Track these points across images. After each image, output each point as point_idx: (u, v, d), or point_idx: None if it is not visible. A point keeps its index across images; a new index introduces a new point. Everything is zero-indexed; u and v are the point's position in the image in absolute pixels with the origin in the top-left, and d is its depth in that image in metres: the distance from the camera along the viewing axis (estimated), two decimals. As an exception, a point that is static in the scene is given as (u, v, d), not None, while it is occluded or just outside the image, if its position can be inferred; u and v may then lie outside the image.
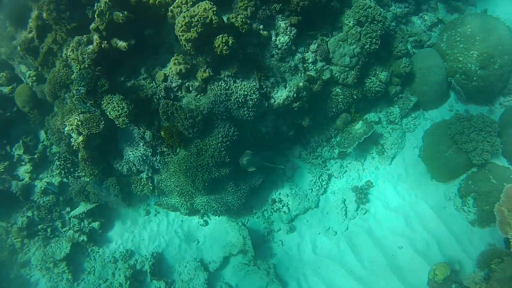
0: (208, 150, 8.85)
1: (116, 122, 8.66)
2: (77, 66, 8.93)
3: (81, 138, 9.10)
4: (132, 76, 9.36)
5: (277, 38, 9.50)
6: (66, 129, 9.36)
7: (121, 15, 8.36)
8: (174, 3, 8.74)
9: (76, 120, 9.01)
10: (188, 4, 8.61)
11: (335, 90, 10.25)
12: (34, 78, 10.18)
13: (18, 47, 10.12)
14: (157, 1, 8.80)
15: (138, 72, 9.33)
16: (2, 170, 10.57)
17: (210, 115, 8.81)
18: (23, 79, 10.82)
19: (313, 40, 9.95)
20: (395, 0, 11.63)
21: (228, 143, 8.84)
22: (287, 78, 9.65)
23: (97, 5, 8.80)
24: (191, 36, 8.24)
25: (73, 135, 9.29)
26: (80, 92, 8.70)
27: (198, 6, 8.30)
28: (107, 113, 8.66)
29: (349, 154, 10.67)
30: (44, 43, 9.74)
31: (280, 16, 9.55)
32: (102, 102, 8.68)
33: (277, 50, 9.52)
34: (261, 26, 9.41)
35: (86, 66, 8.81)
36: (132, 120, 8.80)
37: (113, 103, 8.53)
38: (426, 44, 11.30)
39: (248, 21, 9.10)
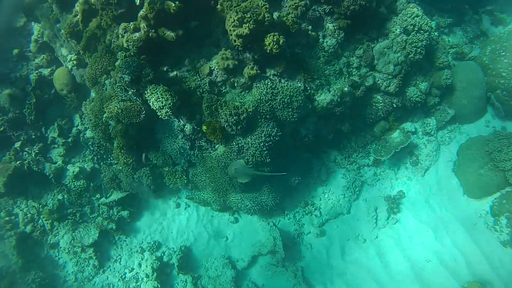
0: (250, 148, 8.17)
1: (159, 113, 7.96)
2: (122, 53, 8.21)
3: (119, 126, 8.43)
4: (175, 67, 8.65)
5: (325, 40, 8.82)
6: (104, 115, 8.69)
7: (173, 4, 7.64)
8: (224, -2, 8.03)
9: (116, 107, 8.31)
10: (237, 1, 7.92)
11: (376, 97, 9.55)
12: (74, 62, 9.46)
13: (62, 30, 9.40)
14: (207, -7, 8.07)
15: (182, 64, 8.62)
16: (37, 151, 9.89)
17: (254, 114, 8.12)
18: (62, 62, 10.12)
19: (359, 45, 9.26)
20: (438, 10, 10.89)
21: (270, 143, 8.15)
22: (331, 82, 8.95)
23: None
24: (243, 32, 7.56)
25: (111, 122, 8.62)
26: (123, 79, 7.99)
27: (250, 2, 7.64)
28: (150, 103, 7.97)
29: (383, 162, 9.96)
30: (88, 28, 9.02)
31: (329, 18, 8.88)
32: (145, 92, 7.98)
33: (323, 53, 8.83)
34: (310, 27, 8.75)
35: (132, 54, 8.09)
36: (173, 112, 8.07)
37: (157, 94, 7.83)
38: (467, 56, 10.57)
39: (298, 21, 8.39)
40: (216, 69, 8.32)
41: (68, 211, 9.89)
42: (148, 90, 7.92)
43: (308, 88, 8.65)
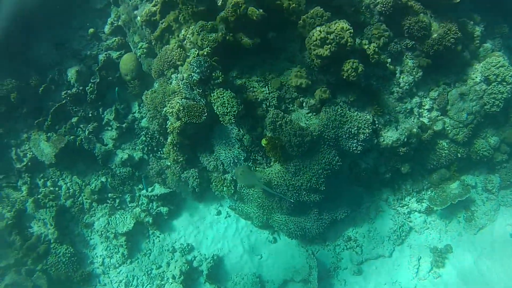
0: (307, 173, 7.42)
1: (221, 119, 7.32)
2: (195, 51, 7.62)
3: (178, 123, 7.82)
4: (244, 75, 8.01)
5: (401, 76, 8.03)
6: (164, 109, 8.12)
7: (257, 12, 6.99)
8: (309, 13, 7.34)
9: (178, 104, 7.73)
10: (323, 18, 7.26)
11: (442, 143, 8.63)
12: (144, 50, 8.96)
13: (138, 17, 8.92)
14: (291, 6, 7.41)
15: (252, 72, 7.97)
16: (91, 130, 9.43)
17: (318, 138, 7.37)
18: (132, 48, 9.65)
19: (435, 87, 8.39)
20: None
21: (329, 171, 7.41)
22: (400, 119, 8.13)
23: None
24: (323, 53, 6.87)
25: (170, 118, 8.04)
26: (192, 77, 7.40)
27: (335, 24, 6.93)
28: (214, 107, 7.33)
29: (435, 212, 8.99)
30: (164, 19, 8.49)
31: (409, 53, 8.09)
32: (212, 95, 7.35)
33: (398, 88, 8.04)
34: (389, 60, 7.92)
35: (205, 53, 7.48)
36: (236, 121, 7.40)
37: (223, 99, 7.19)
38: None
39: (379, 52, 7.61)
40: (287, 85, 7.62)
41: (109, 195, 9.39)
42: (215, 94, 7.29)
43: (376, 122, 7.84)
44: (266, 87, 7.78)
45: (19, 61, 9.84)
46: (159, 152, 9.22)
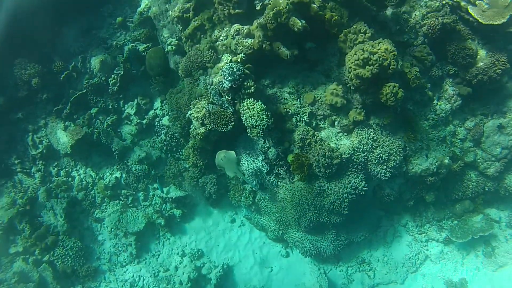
0: (331, 195, 6.84)
1: (248, 131, 6.73)
2: (228, 56, 6.98)
3: (202, 129, 7.21)
4: (277, 84, 7.40)
5: (439, 103, 7.40)
6: (189, 112, 7.49)
7: (299, 23, 6.35)
8: (351, 27, 6.69)
9: (204, 109, 7.11)
10: (366, 35, 6.61)
11: (470, 174, 8.00)
12: (173, 47, 8.27)
13: (170, 12, 8.22)
14: (334, 18, 6.75)
15: (285, 83, 7.36)
16: (110, 123, 8.82)
17: (347, 160, 6.73)
18: (160, 42, 8.97)
19: (471, 116, 7.71)
20: None
21: (354, 195, 6.80)
22: (431, 147, 7.49)
23: (272, 1, 6.74)
24: (364, 74, 6.24)
25: (194, 122, 7.41)
26: (222, 84, 6.76)
27: (379, 44, 6.27)
28: (242, 117, 6.71)
29: (454, 242, 8.37)
30: (197, 17, 7.79)
31: (450, 80, 7.46)
32: (241, 104, 6.72)
33: (434, 115, 7.41)
34: (428, 85, 7.25)
35: (239, 60, 6.85)
36: (264, 134, 6.79)
37: (253, 111, 6.57)
38: None
39: (420, 76, 6.94)
40: (320, 101, 6.98)
41: (122, 192, 8.83)
42: (245, 104, 6.67)
43: (407, 147, 7.21)
44: (298, 100, 7.17)
45: (46, 46, 9.26)
46: (178, 153, 8.57)
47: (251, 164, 7.38)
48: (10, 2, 8.55)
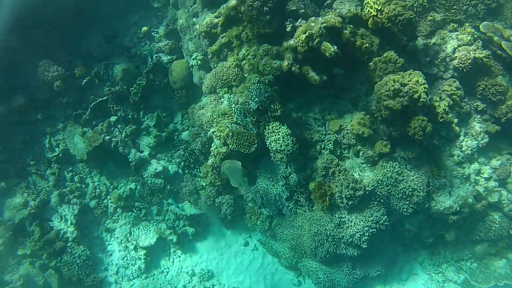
0: (351, 227, 6.77)
1: (272, 156, 6.71)
2: (256, 76, 6.97)
3: (224, 149, 7.19)
4: (302, 109, 7.39)
5: (465, 139, 7.26)
6: (211, 130, 7.49)
7: (332, 49, 6.32)
8: (382, 56, 6.65)
9: (228, 129, 7.10)
10: (396, 65, 6.57)
11: (493, 216, 7.82)
12: (199, 61, 8.31)
13: (197, 26, 8.28)
14: (364, 46, 6.74)
15: (310, 108, 7.31)
16: (128, 133, 8.83)
17: (369, 193, 6.66)
18: (184, 55, 9.02)
19: (498, 155, 7.58)
20: None
21: (374, 230, 6.69)
22: (455, 185, 7.36)
23: (303, 24, 6.75)
24: (394, 106, 6.21)
25: (216, 141, 7.40)
26: (248, 105, 6.74)
27: (409, 75, 6.25)
28: (266, 140, 6.68)
29: (474, 287, 8.16)
30: (225, 33, 7.83)
31: (478, 116, 7.32)
32: (267, 127, 6.69)
33: (459, 152, 7.29)
34: (456, 120, 7.15)
35: (266, 81, 6.84)
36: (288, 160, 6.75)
37: (278, 135, 6.55)
38: None
39: (449, 111, 6.87)
40: (347, 130, 6.93)
41: (135, 204, 8.79)
42: (270, 127, 6.66)
43: (431, 183, 7.12)
44: (323, 126, 7.13)
45: (70, 49, 9.37)
46: (196, 170, 8.54)
47: (271, 188, 7.32)
48: (37, 3, 8.64)
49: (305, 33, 6.44)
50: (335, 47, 6.43)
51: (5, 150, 8.68)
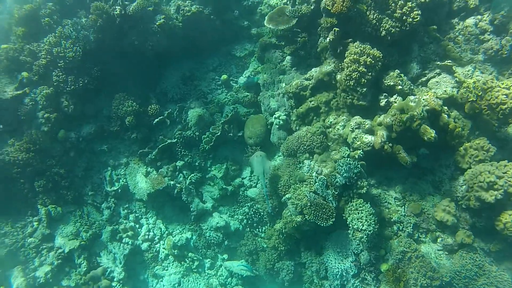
0: (422, 321, 7.05)
1: (351, 233, 7.26)
2: (346, 150, 7.61)
3: (299, 218, 7.72)
4: (381, 185, 7.94)
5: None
6: (287, 195, 8.05)
7: (432, 134, 6.83)
8: (473, 142, 7.18)
9: (306, 198, 7.62)
10: (488, 154, 7.09)
11: None
12: (281, 121, 8.99)
13: (283, 84, 9.11)
14: (456, 130, 7.23)
15: (390, 186, 7.87)
16: (193, 180, 9.43)
17: (446, 284, 7.04)
18: (262, 109, 9.74)
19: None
20: None
21: (448, 326, 6.99)
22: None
23: (398, 101, 7.43)
24: (487, 198, 6.75)
25: (291, 207, 7.94)
26: (335, 178, 7.34)
27: (504, 167, 6.71)
28: (347, 216, 7.22)
29: None
30: (314, 97, 8.55)
31: None
32: (350, 203, 7.25)
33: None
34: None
35: (356, 156, 7.45)
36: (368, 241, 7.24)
37: (361, 214, 7.08)
38: None
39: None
40: (428, 214, 7.42)
41: (189, 254, 9.28)
42: (354, 204, 7.22)
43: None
44: (403, 207, 7.62)
45: (146, 85, 10.23)
46: (258, 229, 9.06)
47: (338, 263, 7.77)
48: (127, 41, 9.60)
49: (402, 111, 7.05)
50: (434, 131, 6.95)
51: (68, 176, 9.41)
